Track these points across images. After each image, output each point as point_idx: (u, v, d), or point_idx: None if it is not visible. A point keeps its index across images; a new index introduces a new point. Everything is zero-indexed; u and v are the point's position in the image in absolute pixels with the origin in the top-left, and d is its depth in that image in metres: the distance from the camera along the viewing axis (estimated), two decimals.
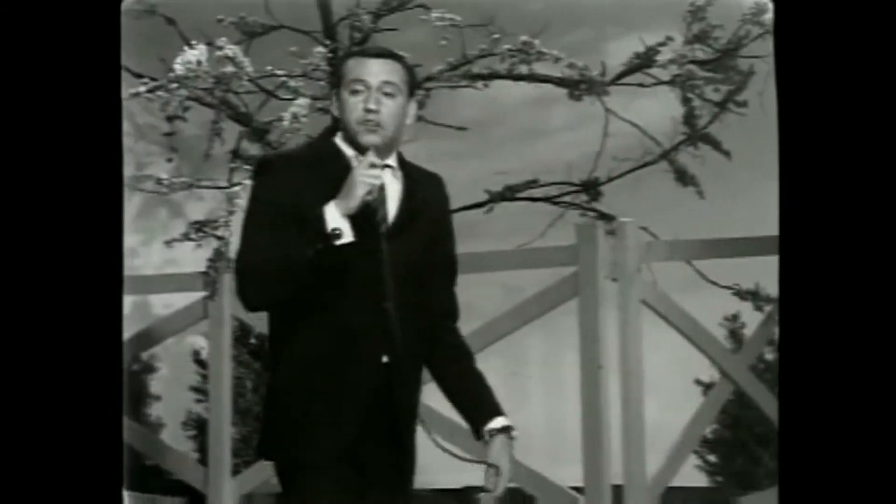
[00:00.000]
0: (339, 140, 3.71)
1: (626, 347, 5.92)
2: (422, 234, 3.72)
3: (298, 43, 7.79)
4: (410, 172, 3.75)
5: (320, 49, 7.65)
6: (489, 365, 6.81)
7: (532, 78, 7.50)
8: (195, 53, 7.27)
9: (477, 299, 7.19)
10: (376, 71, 3.66)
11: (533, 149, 7.96)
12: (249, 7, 7.90)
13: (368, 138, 3.64)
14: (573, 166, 7.57)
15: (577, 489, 6.03)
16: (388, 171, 3.69)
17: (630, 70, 7.38)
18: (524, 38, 7.42)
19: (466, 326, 6.11)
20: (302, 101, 7.40)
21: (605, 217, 7.08)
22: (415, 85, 3.78)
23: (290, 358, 3.70)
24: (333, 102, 3.73)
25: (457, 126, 7.92)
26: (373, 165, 3.59)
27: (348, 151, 3.68)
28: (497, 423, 3.82)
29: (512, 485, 6.21)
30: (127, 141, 8.31)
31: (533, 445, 7.10)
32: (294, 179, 3.66)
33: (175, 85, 7.28)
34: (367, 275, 3.62)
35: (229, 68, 7.38)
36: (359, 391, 3.65)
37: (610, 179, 7.61)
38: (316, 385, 3.65)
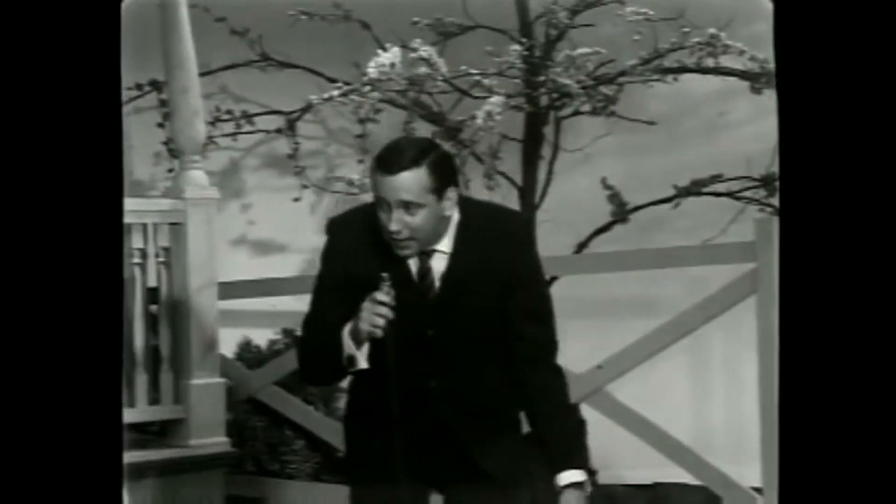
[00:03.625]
0: None
1: None
2: (485, 293, 3.68)
3: (494, 42, 7.80)
4: (470, 225, 3.69)
5: (516, 47, 7.65)
6: (674, 362, 6.78)
7: (717, 71, 7.42)
8: (389, 56, 7.37)
9: (662, 295, 7.13)
10: (392, 189, 3.55)
11: (716, 143, 7.81)
12: (445, 8, 7.93)
13: (402, 252, 3.63)
14: (752, 161, 7.41)
15: (755, 489, 5.91)
16: (435, 254, 3.67)
17: None
18: (712, 30, 7.30)
19: (653, 322, 6.11)
20: (496, 98, 7.44)
21: None
22: (448, 176, 3.61)
23: (359, 384, 3.86)
24: None
25: (647, 120, 7.81)
26: (380, 303, 3.56)
27: None
28: (566, 477, 3.70)
29: (698, 483, 6.17)
30: (318, 145, 8.53)
31: (715, 444, 6.99)
32: (352, 250, 3.69)
33: (368, 88, 7.35)
34: (413, 353, 3.64)
35: (423, 69, 7.44)
36: (411, 416, 3.69)
37: None
38: (379, 411, 3.72)
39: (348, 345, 3.59)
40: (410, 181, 3.52)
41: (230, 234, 8.31)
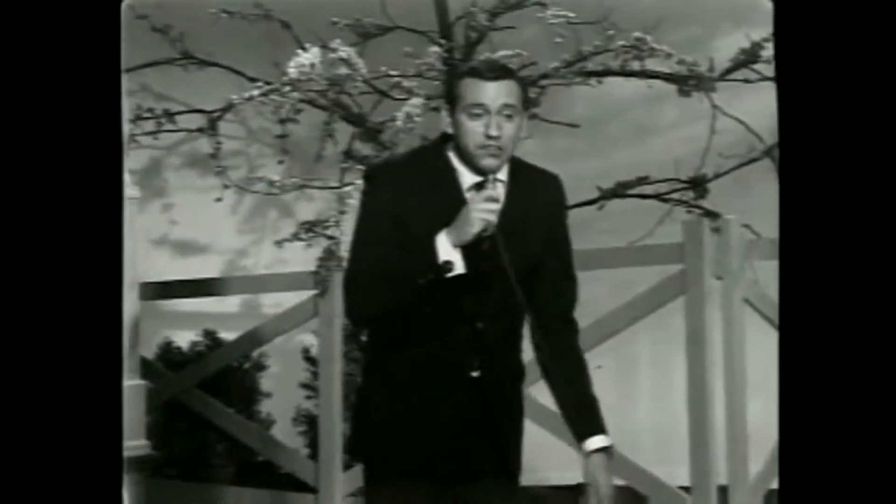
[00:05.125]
0: (451, 153, 3.68)
1: (730, 347, 5.81)
2: (529, 241, 3.70)
3: (413, 43, 7.79)
4: (520, 178, 3.73)
5: (435, 49, 7.65)
6: (600, 363, 6.78)
7: (643, 74, 7.46)
8: (309, 56, 7.35)
9: (588, 296, 7.14)
10: (495, 94, 3.60)
11: (643, 146, 7.85)
12: (365, 8, 7.90)
13: (489, 163, 3.62)
14: (681, 163, 7.47)
15: (684, 489, 5.95)
16: (496, 183, 3.67)
17: (736, 66, 7.29)
18: (637, 34, 7.33)
19: (580, 323, 6.10)
20: (416, 100, 7.44)
21: (711, 214, 6.94)
22: (528, 98, 3.74)
23: (384, 366, 3.74)
24: (446, 119, 3.68)
25: (570, 123, 7.83)
26: (490, 199, 3.57)
27: (460, 167, 3.66)
28: (594, 442, 3.70)
29: (623, 483, 6.20)
30: (239, 144, 8.47)
31: (642, 444, 7.02)
32: (401, 191, 3.65)
33: (288, 88, 7.31)
34: (467, 290, 3.62)
35: (343, 70, 7.44)
36: (447, 405, 3.67)
37: (716, 176, 7.49)
38: (408, 397, 3.68)
39: (445, 249, 3.52)
40: (510, 87, 3.61)
41: (152, 233, 8.26)
